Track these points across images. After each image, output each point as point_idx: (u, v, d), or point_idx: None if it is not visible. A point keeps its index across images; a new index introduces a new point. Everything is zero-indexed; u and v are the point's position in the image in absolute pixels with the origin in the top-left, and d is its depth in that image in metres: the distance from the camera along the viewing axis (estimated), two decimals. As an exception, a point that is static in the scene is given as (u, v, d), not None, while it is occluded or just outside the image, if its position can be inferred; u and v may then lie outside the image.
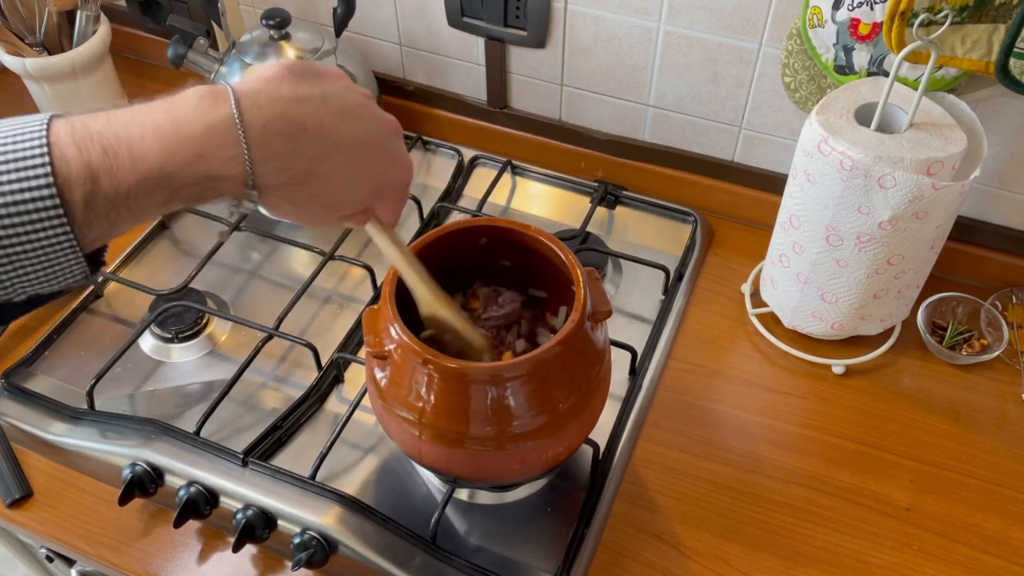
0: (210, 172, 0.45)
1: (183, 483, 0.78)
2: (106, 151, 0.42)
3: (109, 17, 1.16)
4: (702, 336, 0.94)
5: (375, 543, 0.74)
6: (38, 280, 0.42)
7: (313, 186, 0.49)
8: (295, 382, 0.90)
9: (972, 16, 0.73)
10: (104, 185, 0.42)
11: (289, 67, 0.48)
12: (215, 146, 0.44)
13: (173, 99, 0.45)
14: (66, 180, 0.41)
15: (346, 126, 0.49)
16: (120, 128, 0.43)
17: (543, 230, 0.71)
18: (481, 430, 0.65)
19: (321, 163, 0.48)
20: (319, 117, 0.47)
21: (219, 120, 0.44)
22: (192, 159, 0.44)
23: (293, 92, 0.47)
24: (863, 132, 0.76)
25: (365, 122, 0.51)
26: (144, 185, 0.43)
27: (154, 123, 0.43)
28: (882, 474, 0.82)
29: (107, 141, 0.43)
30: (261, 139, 0.45)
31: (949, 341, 0.91)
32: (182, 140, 0.43)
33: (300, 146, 0.47)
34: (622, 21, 0.95)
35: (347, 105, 0.50)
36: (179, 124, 0.44)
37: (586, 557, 0.76)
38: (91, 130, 0.43)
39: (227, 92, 0.45)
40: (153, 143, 0.43)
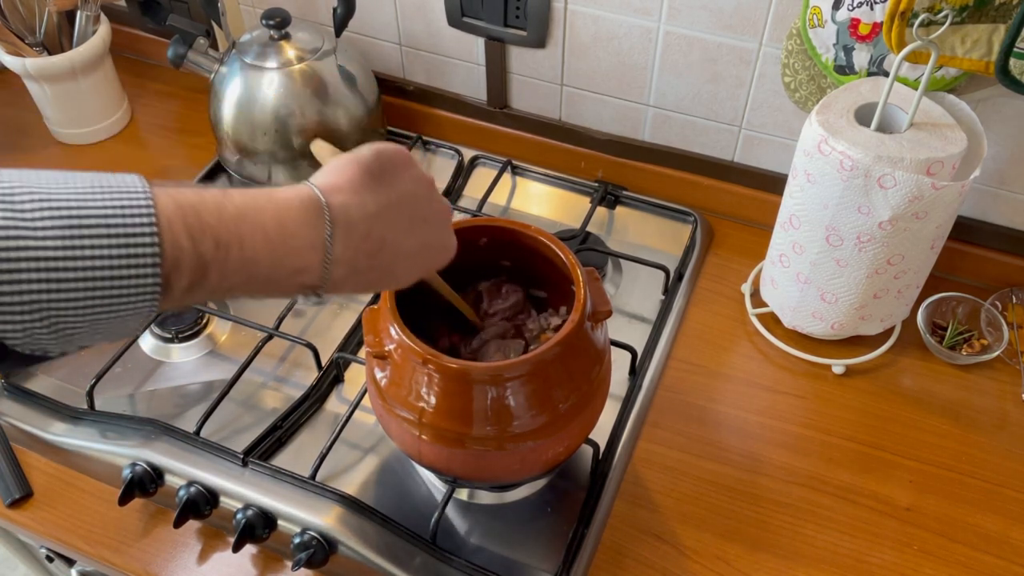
0: (305, 282, 0.48)
1: (183, 483, 0.78)
2: (218, 246, 0.43)
3: (109, 17, 1.16)
4: (702, 336, 0.94)
5: (375, 543, 0.74)
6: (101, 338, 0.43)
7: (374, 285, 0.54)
8: (295, 382, 0.90)
9: (972, 16, 0.73)
10: (212, 277, 0.44)
11: (368, 168, 0.51)
12: (315, 264, 0.47)
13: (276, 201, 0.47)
14: (176, 266, 0.42)
15: (416, 233, 0.53)
16: (231, 224, 0.44)
17: (543, 230, 0.71)
18: (481, 430, 0.65)
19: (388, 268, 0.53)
20: (396, 230, 0.51)
21: (321, 240, 0.47)
22: (294, 271, 0.47)
23: (376, 205, 0.50)
24: (863, 132, 0.76)
25: (430, 224, 0.55)
26: (249, 284, 0.46)
27: (264, 227, 0.45)
28: (882, 474, 0.82)
29: (219, 236, 0.44)
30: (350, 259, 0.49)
31: (949, 341, 0.91)
32: (290, 252, 0.46)
33: (377, 262, 0.51)
34: (622, 21, 0.95)
35: (418, 207, 0.54)
36: (287, 235, 0.46)
37: (586, 557, 0.76)
38: (203, 220, 0.43)
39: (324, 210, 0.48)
40: (264, 247, 0.45)
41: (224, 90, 1.01)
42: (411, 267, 0.55)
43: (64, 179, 0.41)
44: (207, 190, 0.45)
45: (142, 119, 1.22)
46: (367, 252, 0.50)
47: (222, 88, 1.01)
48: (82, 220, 0.39)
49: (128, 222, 0.40)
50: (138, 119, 1.22)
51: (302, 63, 1.00)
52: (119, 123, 1.20)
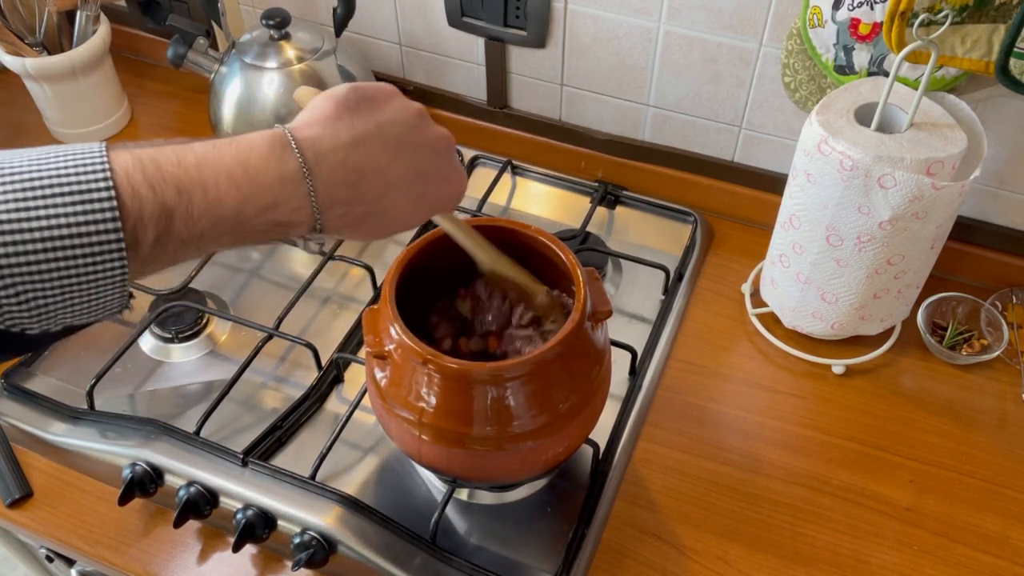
0: (280, 219, 0.46)
1: (183, 483, 0.78)
2: (180, 192, 0.43)
3: (109, 17, 1.16)
4: (702, 336, 0.94)
5: (375, 543, 0.74)
6: (80, 312, 0.42)
7: (373, 222, 0.51)
8: (295, 382, 0.90)
9: (972, 16, 0.73)
10: (178, 225, 0.43)
11: (343, 101, 0.49)
12: (286, 196, 0.46)
13: (240, 143, 0.46)
14: (139, 218, 0.41)
15: (402, 160, 0.51)
16: (192, 170, 0.44)
17: (543, 230, 0.71)
18: (481, 430, 0.65)
19: (380, 201, 0.50)
20: (376, 157, 0.49)
21: (289, 172, 0.46)
22: (265, 208, 0.45)
23: (351, 134, 0.49)
24: (863, 132, 0.76)
25: (418, 150, 0.52)
26: (217, 228, 0.44)
27: (227, 168, 0.44)
28: (882, 474, 0.82)
29: (180, 182, 0.43)
30: (325, 190, 0.47)
31: (949, 341, 0.91)
32: (256, 189, 0.45)
33: (360, 192, 0.49)
34: (622, 21, 0.95)
35: (402, 133, 0.51)
36: (251, 173, 0.45)
37: (586, 557, 0.76)
38: (163, 170, 0.43)
39: (291, 142, 0.47)
40: (228, 189, 0.44)
41: (224, 90, 1.01)
42: (407, 200, 0.52)
43: (22, 152, 0.41)
44: (168, 143, 0.45)
45: (142, 119, 1.22)
46: (345, 182, 0.48)
47: (222, 88, 1.01)
48: (35, 183, 0.39)
49: (83, 179, 0.40)
50: (138, 119, 1.22)
51: (302, 63, 1.00)
52: (119, 123, 1.20)
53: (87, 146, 0.42)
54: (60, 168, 0.40)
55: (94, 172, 0.40)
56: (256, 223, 0.46)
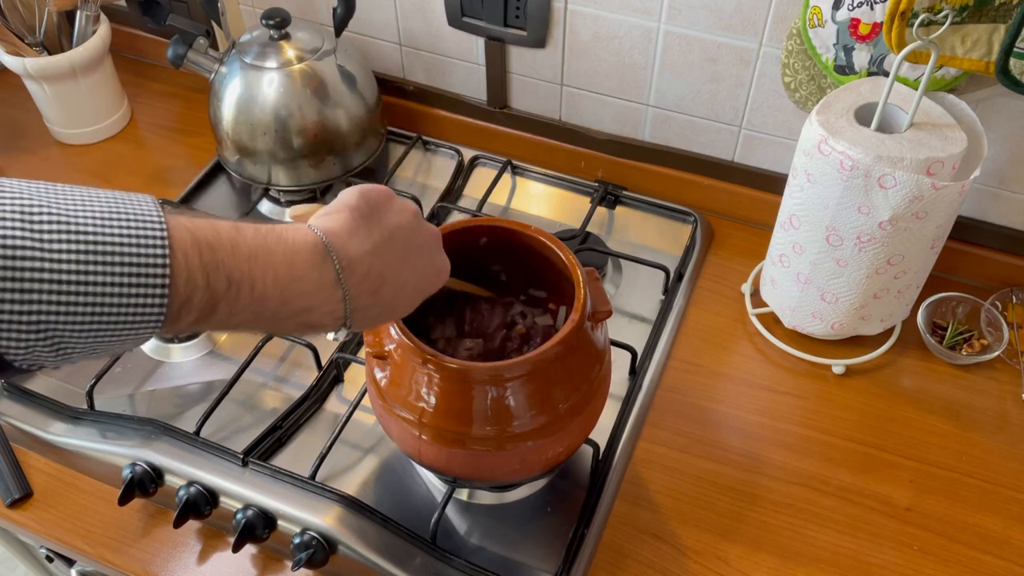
0: (312, 322, 0.50)
1: (183, 483, 0.78)
2: (230, 285, 0.44)
3: (109, 17, 1.16)
4: (702, 336, 0.94)
5: (375, 543, 0.74)
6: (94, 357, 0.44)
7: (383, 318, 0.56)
8: (295, 382, 0.90)
9: (972, 16, 0.73)
10: (220, 313, 0.45)
11: (357, 211, 0.53)
12: (321, 302, 0.49)
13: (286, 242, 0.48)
14: (187, 300, 0.42)
15: (410, 264, 0.55)
16: (244, 263, 0.45)
17: (543, 230, 0.71)
18: (481, 430, 0.65)
19: (392, 301, 0.55)
20: (392, 266, 0.53)
21: (327, 281, 0.49)
22: (301, 311, 0.48)
23: (371, 243, 0.52)
24: (863, 132, 0.76)
25: (421, 251, 0.57)
26: (255, 322, 0.47)
27: (274, 268, 0.47)
28: (882, 474, 0.82)
29: (232, 275, 0.44)
30: (355, 297, 0.51)
31: (949, 341, 0.91)
32: (297, 293, 0.48)
33: (379, 298, 0.53)
34: (622, 21, 0.95)
35: (408, 237, 0.55)
36: (295, 277, 0.47)
37: (586, 557, 0.76)
38: (218, 257, 0.44)
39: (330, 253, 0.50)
40: (273, 289, 0.46)
41: (224, 90, 1.01)
42: (409, 297, 0.57)
43: (82, 199, 0.41)
44: (221, 223, 0.46)
45: (142, 119, 1.22)
46: (368, 291, 0.52)
47: (222, 88, 1.01)
48: (98, 247, 0.40)
49: (143, 252, 0.41)
50: (138, 119, 1.22)
51: (302, 63, 1.00)
52: (119, 123, 1.20)
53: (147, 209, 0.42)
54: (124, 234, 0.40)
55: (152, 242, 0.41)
56: (290, 322, 0.49)
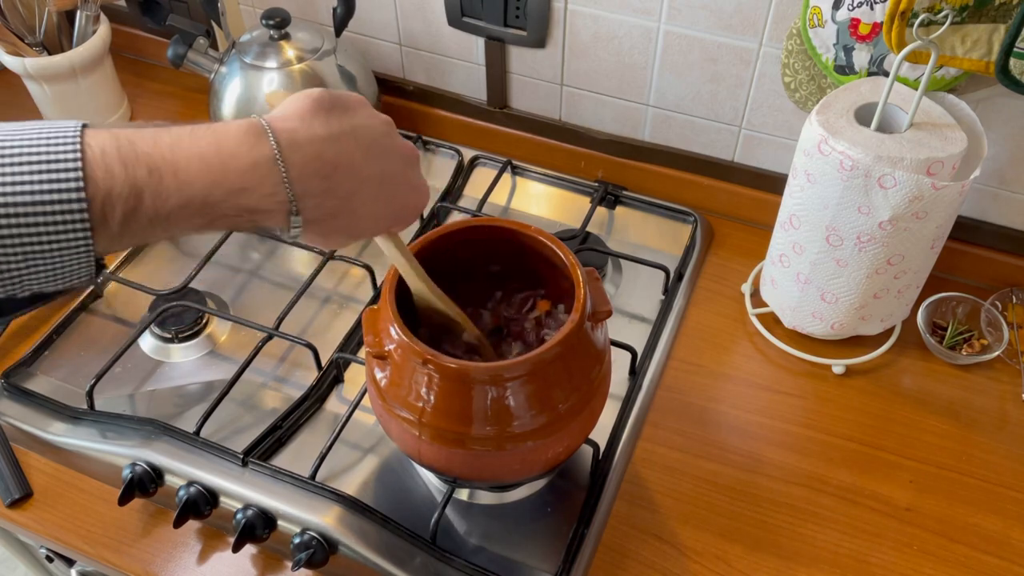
0: (250, 205, 0.47)
1: (183, 483, 0.78)
2: (151, 172, 0.44)
3: (109, 17, 1.16)
4: (702, 336, 0.94)
5: (375, 543, 0.74)
6: (46, 278, 0.43)
7: (342, 219, 0.52)
8: (295, 382, 0.90)
9: (972, 16, 0.73)
10: (147, 204, 0.44)
11: (318, 100, 0.51)
12: (258, 181, 0.46)
13: (216, 129, 0.47)
14: (108, 194, 0.42)
15: (373, 161, 0.52)
16: (166, 151, 0.45)
17: (543, 230, 0.71)
18: (481, 430, 0.65)
19: (351, 199, 0.51)
20: (350, 154, 0.50)
21: (262, 157, 0.47)
22: (236, 191, 0.46)
23: (327, 130, 0.50)
24: (863, 132, 0.76)
25: (389, 155, 0.54)
26: (186, 209, 0.45)
27: (200, 151, 0.45)
28: (882, 474, 0.82)
29: (153, 162, 0.44)
30: (300, 179, 0.48)
31: (949, 341, 0.91)
32: (227, 172, 0.46)
33: (334, 184, 0.50)
34: (622, 21, 0.95)
35: (374, 138, 0.52)
36: (224, 157, 0.46)
37: (586, 557, 0.76)
38: (137, 149, 0.44)
39: (267, 130, 0.48)
40: (200, 170, 0.45)
41: (224, 90, 1.01)
42: (377, 201, 0.53)
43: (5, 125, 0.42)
44: (148, 124, 0.46)
45: (142, 119, 1.22)
46: (319, 172, 0.49)
47: (222, 88, 1.01)
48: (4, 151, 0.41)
49: (52, 150, 0.41)
50: (138, 119, 1.22)
51: (302, 63, 1.00)
52: (119, 123, 1.20)
53: (66, 122, 0.43)
54: (33, 139, 0.42)
55: (64, 145, 0.42)
56: (225, 207, 0.46)
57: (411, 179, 0.57)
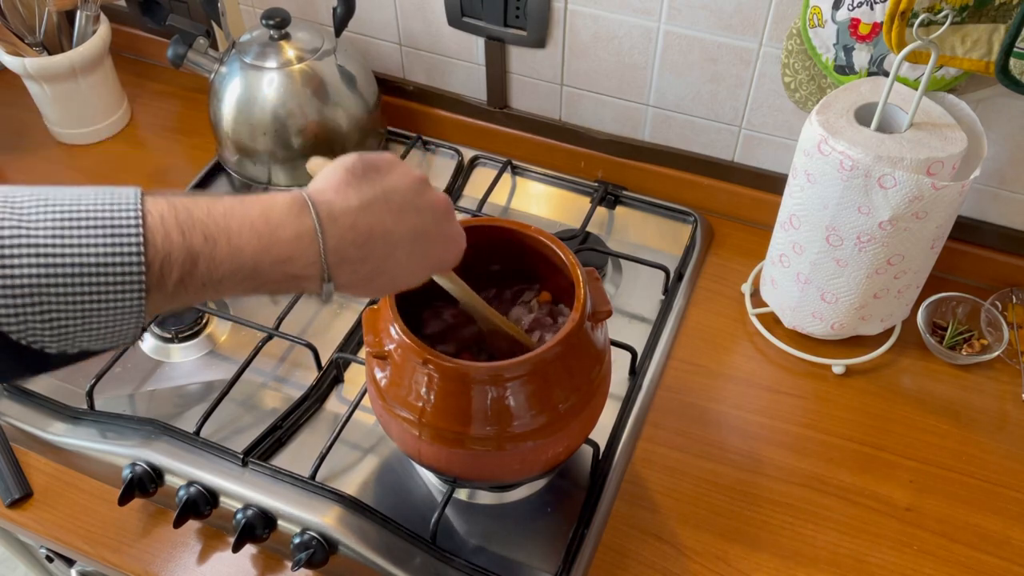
0: (294, 272, 0.50)
1: (183, 483, 0.78)
2: (207, 238, 0.46)
3: (109, 17, 1.16)
4: (702, 336, 0.94)
5: (375, 543, 0.74)
6: (97, 337, 0.46)
7: (380, 280, 0.55)
8: (295, 382, 0.90)
9: (972, 16, 0.73)
10: (201, 269, 0.46)
11: (351, 170, 0.53)
12: (301, 251, 0.49)
13: (264, 201, 0.50)
14: (167, 257, 0.45)
15: (406, 221, 0.54)
16: (220, 219, 0.47)
17: (543, 230, 0.71)
18: (481, 430, 0.65)
19: (387, 260, 0.54)
20: (382, 220, 0.53)
21: (305, 229, 0.50)
22: (282, 260, 0.49)
23: (360, 199, 0.52)
24: (863, 132, 0.76)
25: (422, 213, 0.56)
26: (236, 275, 0.48)
27: (251, 221, 0.48)
28: (882, 474, 0.82)
29: (208, 229, 0.47)
30: (337, 249, 0.51)
31: (949, 341, 0.91)
32: (275, 242, 0.49)
33: (368, 252, 0.53)
34: (622, 21, 0.95)
35: (405, 198, 0.55)
36: (273, 227, 0.49)
37: (586, 557, 0.76)
38: (193, 216, 0.46)
39: (308, 204, 0.51)
40: (251, 239, 0.48)
41: (224, 90, 1.01)
42: (411, 259, 0.56)
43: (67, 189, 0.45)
44: (202, 194, 0.49)
45: (142, 119, 1.22)
46: (354, 242, 0.52)
47: (222, 88, 1.01)
48: (74, 214, 0.43)
49: (116, 214, 0.44)
50: (138, 119, 1.22)
51: (302, 63, 1.00)
52: (119, 123, 1.20)
53: (126, 188, 0.46)
54: (98, 203, 0.44)
55: (126, 209, 0.44)
56: (272, 273, 0.49)
57: (445, 231, 0.59)
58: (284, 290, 0.51)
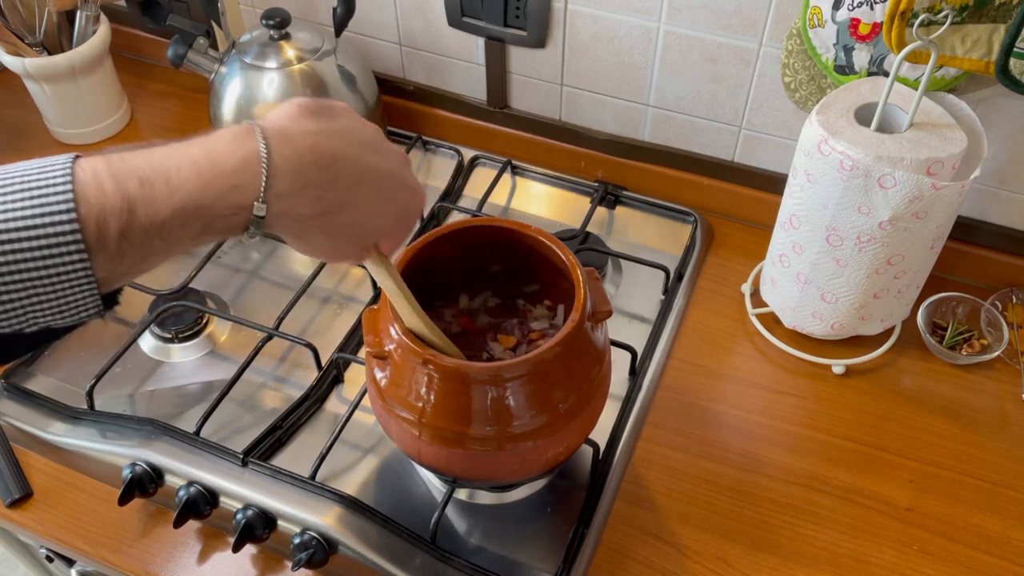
0: (244, 202, 0.47)
1: (183, 483, 0.78)
2: (143, 182, 0.44)
3: (109, 17, 1.16)
4: (702, 336, 0.94)
5: (375, 543, 0.74)
6: (50, 311, 0.43)
7: (346, 214, 0.51)
8: (295, 382, 0.90)
9: (972, 16, 0.73)
10: (140, 215, 0.44)
11: (304, 105, 0.51)
12: (250, 177, 0.46)
13: (208, 136, 0.47)
14: (102, 210, 0.42)
15: (369, 156, 0.52)
16: (157, 161, 0.45)
17: (543, 230, 0.71)
18: (481, 430, 0.65)
19: (352, 191, 0.51)
20: (346, 148, 0.50)
21: (252, 153, 0.47)
22: (227, 190, 0.46)
23: (318, 127, 0.50)
24: (863, 132, 0.76)
25: (384, 153, 0.54)
26: (180, 215, 0.45)
27: (191, 157, 0.46)
28: (882, 474, 0.82)
29: (144, 173, 0.44)
30: (298, 170, 0.48)
31: (949, 341, 0.91)
32: (218, 173, 0.46)
33: (334, 175, 0.49)
34: (622, 21, 0.95)
35: (366, 137, 0.53)
36: (214, 158, 0.46)
37: (586, 557, 0.76)
38: (129, 163, 0.44)
39: (255, 128, 0.48)
40: (190, 175, 0.45)
41: (224, 90, 1.01)
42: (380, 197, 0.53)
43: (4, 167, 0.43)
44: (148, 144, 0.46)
45: (142, 119, 1.22)
46: (317, 163, 0.49)
47: (222, 88, 1.01)
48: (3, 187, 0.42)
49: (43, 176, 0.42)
50: (138, 119, 1.22)
51: (302, 63, 1.00)
52: (119, 123, 1.20)
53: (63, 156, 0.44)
54: (26, 172, 0.42)
55: (54, 170, 0.42)
56: (220, 207, 0.46)
57: (408, 179, 0.57)
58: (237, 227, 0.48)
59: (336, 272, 1.00)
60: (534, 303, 0.78)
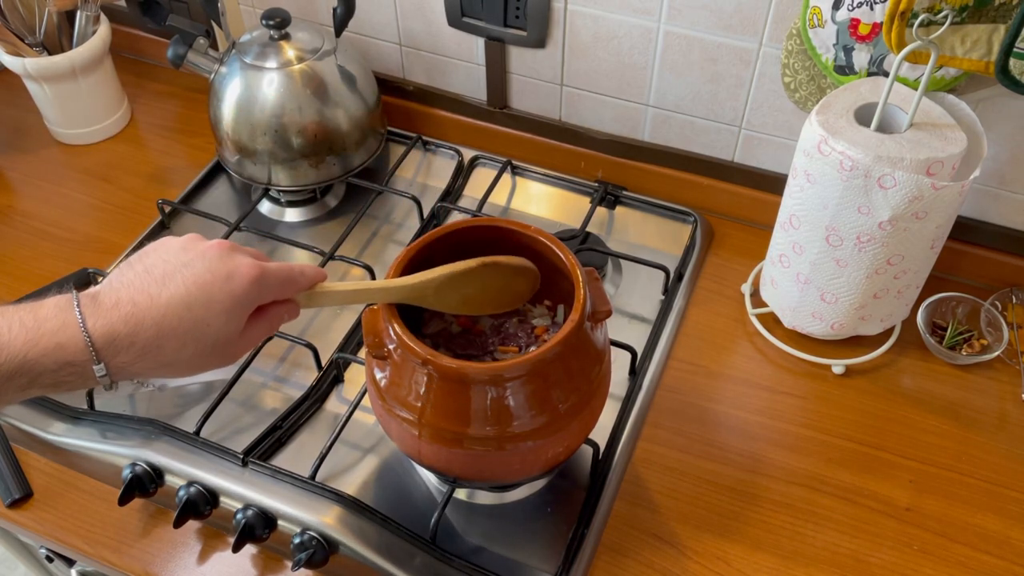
0: (68, 359, 0.52)
1: (183, 483, 0.78)
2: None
3: (109, 17, 1.16)
4: (702, 336, 0.94)
5: (375, 543, 0.74)
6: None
7: (171, 343, 0.55)
8: (295, 382, 0.90)
9: (972, 16, 0.73)
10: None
11: (126, 262, 0.57)
12: (69, 337, 0.52)
13: (37, 301, 0.54)
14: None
15: (172, 283, 0.55)
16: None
17: (543, 230, 0.71)
18: (481, 430, 0.65)
19: (162, 323, 0.54)
20: (146, 290, 0.54)
21: (70, 317, 0.53)
22: (52, 348, 0.52)
23: (120, 280, 0.55)
24: (863, 132, 0.76)
25: (190, 266, 0.56)
26: (6, 367, 0.50)
27: (20, 319, 0.52)
28: (882, 474, 0.82)
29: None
30: (107, 330, 0.53)
31: (949, 341, 0.91)
32: (43, 333, 0.52)
33: (138, 323, 0.53)
34: (622, 21, 0.95)
35: (167, 263, 0.56)
36: (40, 320, 0.52)
37: (586, 557, 0.76)
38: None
39: (73, 295, 0.54)
40: (19, 333, 0.51)
41: (224, 90, 1.01)
42: (191, 313, 0.55)
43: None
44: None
45: (142, 119, 1.22)
46: (121, 318, 0.53)
47: (222, 88, 1.01)
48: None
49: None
50: (138, 119, 1.22)
51: (302, 63, 1.00)
52: (119, 123, 1.20)
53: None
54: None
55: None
56: (45, 364, 0.52)
57: (222, 271, 0.56)
58: (64, 383, 0.53)
59: (336, 272, 1.00)
60: (534, 303, 0.78)
